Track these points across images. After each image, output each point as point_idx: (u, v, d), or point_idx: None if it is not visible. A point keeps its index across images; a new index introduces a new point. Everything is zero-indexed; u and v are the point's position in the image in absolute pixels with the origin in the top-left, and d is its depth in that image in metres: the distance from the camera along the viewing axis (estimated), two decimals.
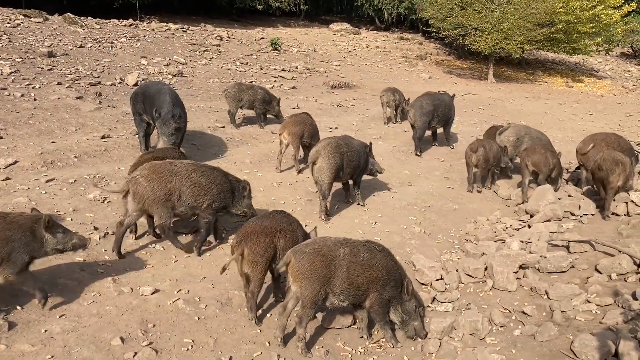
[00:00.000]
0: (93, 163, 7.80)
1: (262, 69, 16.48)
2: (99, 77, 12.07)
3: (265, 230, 4.51)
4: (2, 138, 8.00)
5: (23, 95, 9.69)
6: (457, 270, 5.60)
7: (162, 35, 18.01)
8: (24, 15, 16.14)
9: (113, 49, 14.96)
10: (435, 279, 5.46)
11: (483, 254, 5.95)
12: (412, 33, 29.65)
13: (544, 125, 13.17)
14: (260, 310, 4.75)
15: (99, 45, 14.95)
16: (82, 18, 17.87)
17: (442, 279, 5.49)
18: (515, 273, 5.42)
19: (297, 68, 17.38)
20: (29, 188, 6.56)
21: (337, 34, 26.20)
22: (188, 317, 4.48)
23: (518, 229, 6.82)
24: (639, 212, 7.04)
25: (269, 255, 4.46)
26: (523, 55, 25.07)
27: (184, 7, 25.56)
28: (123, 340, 4.05)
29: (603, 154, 7.27)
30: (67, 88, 10.60)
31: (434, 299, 5.19)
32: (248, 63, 16.90)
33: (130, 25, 18.67)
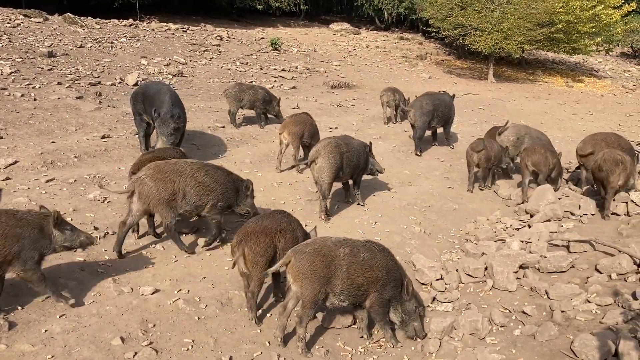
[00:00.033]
0: (93, 163, 7.80)
1: (262, 69, 16.48)
2: (99, 77, 12.07)
3: (265, 230, 4.52)
4: (2, 138, 8.00)
5: (23, 95, 9.70)
6: (457, 270, 5.60)
7: (162, 35, 18.01)
8: (24, 15, 16.14)
9: (113, 49, 14.97)
10: (435, 279, 5.46)
11: (483, 254, 5.95)
12: (412, 33, 29.65)
13: (544, 125, 13.17)
14: (261, 310, 4.75)
15: (99, 45, 14.95)
16: (82, 18, 17.87)
17: (442, 279, 5.49)
18: (515, 273, 5.42)
19: (297, 68, 17.38)
20: (29, 188, 6.57)
21: (337, 34, 26.20)
22: (188, 317, 4.48)
23: (518, 229, 6.82)
24: (639, 211, 7.04)
25: (269, 255, 4.47)
26: (523, 55, 25.07)
27: (184, 7, 25.56)
28: (123, 340, 4.06)
29: (603, 154, 7.25)
30: (67, 88, 10.61)
31: (434, 299, 5.19)
32: (248, 63, 16.90)
33: (130, 25, 18.68)
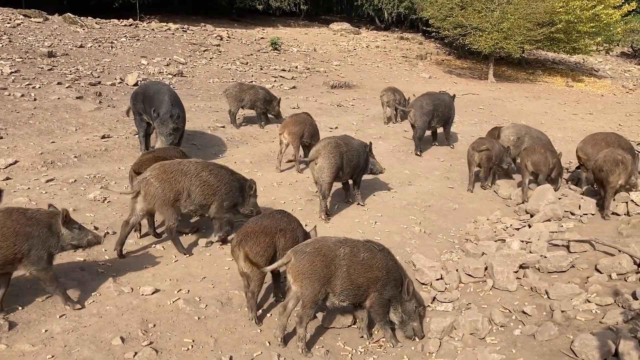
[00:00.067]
0: (93, 163, 7.80)
1: (262, 69, 16.48)
2: (99, 77, 12.07)
3: (265, 230, 4.51)
4: (2, 138, 8.01)
5: (23, 95, 9.70)
6: (457, 270, 5.60)
7: (162, 35, 18.01)
8: (24, 15, 16.14)
9: (113, 49, 14.97)
10: (435, 279, 5.46)
11: (483, 254, 5.95)
12: (412, 33, 29.64)
13: (544, 125, 13.17)
14: (261, 310, 4.75)
15: (99, 45, 14.95)
16: (82, 18, 17.87)
17: (442, 279, 5.49)
18: (516, 273, 5.42)
19: (297, 68, 17.38)
20: (29, 188, 6.57)
21: (337, 34, 26.19)
22: (188, 316, 4.48)
23: (518, 229, 6.82)
24: (639, 211, 7.04)
25: (269, 255, 4.46)
26: (523, 55, 25.06)
27: (184, 7, 25.55)
28: (123, 340, 4.06)
29: (604, 154, 7.25)
30: (67, 88, 10.61)
31: (434, 299, 5.19)
32: (248, 63, 16.90)
33: (130, 25, 18.67)
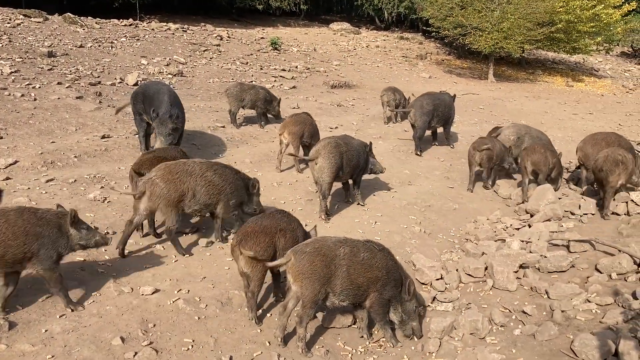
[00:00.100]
0: (93, 163, 7.80)
1: (262, 69, 16.48)
2: (99, 77, 12.07)
3: (265, 230, 4.52)
4: (2, 138, 8.00)
5: (23, 95, 9.69)
6: (457, 270, 5.60)
7: (162, 35, 18.01)
8: (24, 15, 16.14)
9: (113, 49, 14.96)
10: (436, 279, 5.46)
11: (483, 254, 5.95)
12: (412, 32, 29.63)
13: (544, 125, 13.17)
14: (261, 310, 4.75)
15: (99, 45, 14.95)
16: (82, 18, 17.86)
17: (442, 279, 5.49)
18: (516, 272, 5.42)
19: (297, 68, 17.37)
20: (29, 188, 6.57)
21: (337, 34, 26.18)
22: (188, 316, 4.48)
23: (518, 229, 6.82)
24: (639, 211, 7.04)
25: (269, 255, 4.46)
26: (523, 55, 25.05)
27: (184, 6, 25.54)
28: (123, 340, 4.06)
29: (604, 154, 7.25)
30: (67, 88, 10.61)
31: (434, 299, 5.19)
32: (248, 63, 16.90)
33: (130, 25, 18.67)
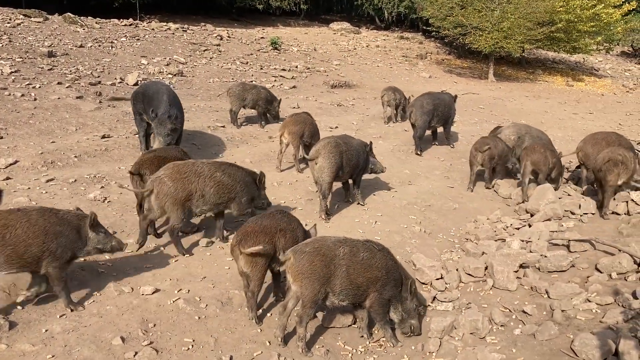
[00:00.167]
0: (93, 163, 7.80)
1: (262, 69, 16.48)
2: (99, 76, 12.08)
3: (265, 230, 4.52)
4: (2, 138, 8.01)
5: (23, 95, 9.70)
6: (457, 270, 5.60)
7: (162, 35, 18.01)
8: (24, 15, 16.14)
9: (113, 49, 14.97)
10: (436, 278, 5.46)
11: (483, 253, 5.95)
12: (412, 32, 29.64)
13: (544, 124, 13.16)
14: (261, 310, 4.75)
15: (99, 45, 14.95)
16: (82, 18, 17.86)
17: (442, 278, 5.49)
18: (516, 272, 5.42)
19: (297, 67, 17.38)
20: (29, 188, 6.57)
21: (337, 34, 26.19)
22: (188, 316, 4.48)
23: (518, 228, 6.82)
24: (639, 211, 7.04)
25: (269, 255, 4.46)
26: (523, 55, 25.05)
27: (184, 6, 25.55)
28: (123, 340, 4.06)
29: (604, 154, 7.24)
30: (67, 88, 10.61)
31: (434, 298, 5.19)
32: (248, 62, 16.90)
33: (130, 25, 18.67)
